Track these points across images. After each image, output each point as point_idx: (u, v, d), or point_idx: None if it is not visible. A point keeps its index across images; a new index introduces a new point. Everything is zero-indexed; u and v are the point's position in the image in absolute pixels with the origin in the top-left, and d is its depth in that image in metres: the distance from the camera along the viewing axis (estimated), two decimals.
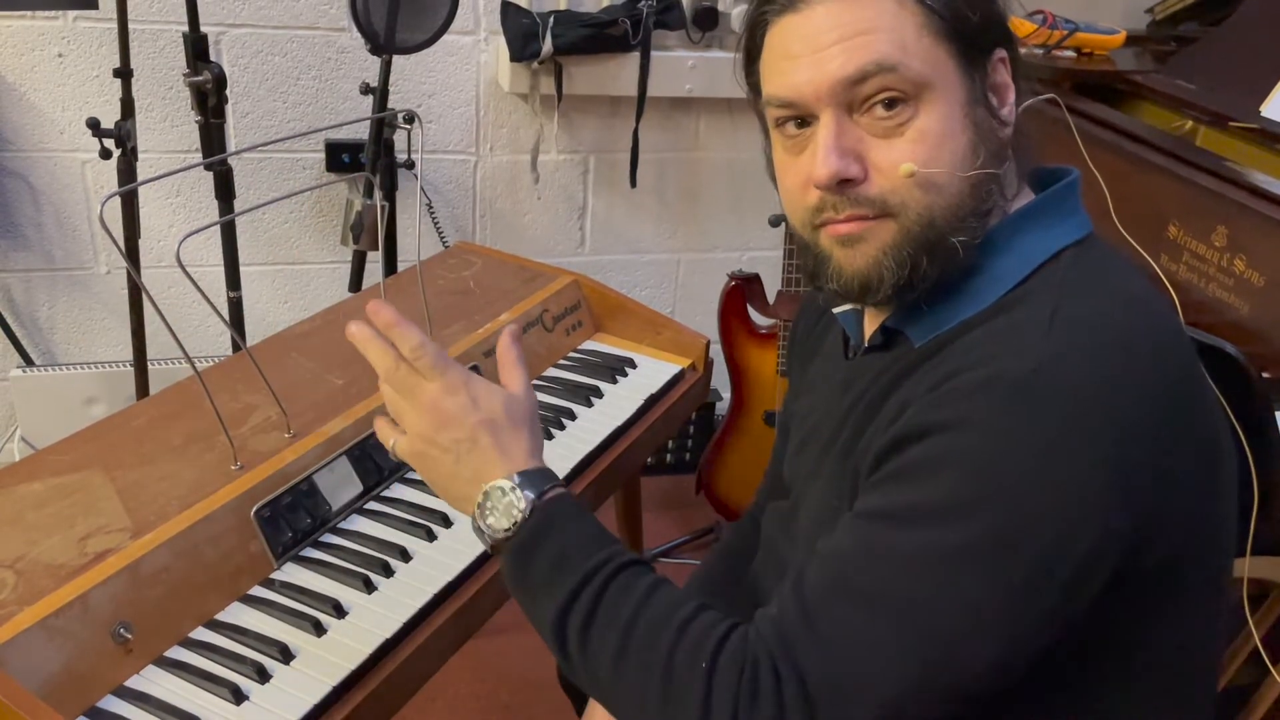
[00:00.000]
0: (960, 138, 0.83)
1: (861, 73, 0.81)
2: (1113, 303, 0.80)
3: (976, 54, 0.84)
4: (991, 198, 0.85)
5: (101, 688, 0.97)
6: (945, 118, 0.82)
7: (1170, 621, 0.81)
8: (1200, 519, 0.80)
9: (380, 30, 1.86)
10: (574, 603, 0.84)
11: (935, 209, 0.82)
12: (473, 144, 2.42)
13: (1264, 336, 1.44)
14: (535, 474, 0.90)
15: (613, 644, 0.82)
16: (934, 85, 0.81)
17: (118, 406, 2.08)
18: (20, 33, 2.07)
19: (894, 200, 0.83)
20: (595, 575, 0.85)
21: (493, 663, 2.08)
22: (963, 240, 0.83)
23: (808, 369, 1.09)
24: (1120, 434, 0.73)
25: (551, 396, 1.50)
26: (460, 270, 1.72)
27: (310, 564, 1.15)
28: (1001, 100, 0.86)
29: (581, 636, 0.84)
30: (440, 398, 0.90)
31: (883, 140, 0.82)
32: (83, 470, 1.15)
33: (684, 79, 2.39)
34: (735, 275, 2.32)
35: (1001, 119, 0.86)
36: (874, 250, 0.84)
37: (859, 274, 0.85)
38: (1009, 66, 0.87)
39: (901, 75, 0.81)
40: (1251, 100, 1.79)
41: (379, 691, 1.03)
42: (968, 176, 0.83)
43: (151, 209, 2.24)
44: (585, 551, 0.86)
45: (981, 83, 0.84)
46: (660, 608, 0.83)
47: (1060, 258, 0.84)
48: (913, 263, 0.83)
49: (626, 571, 0.86)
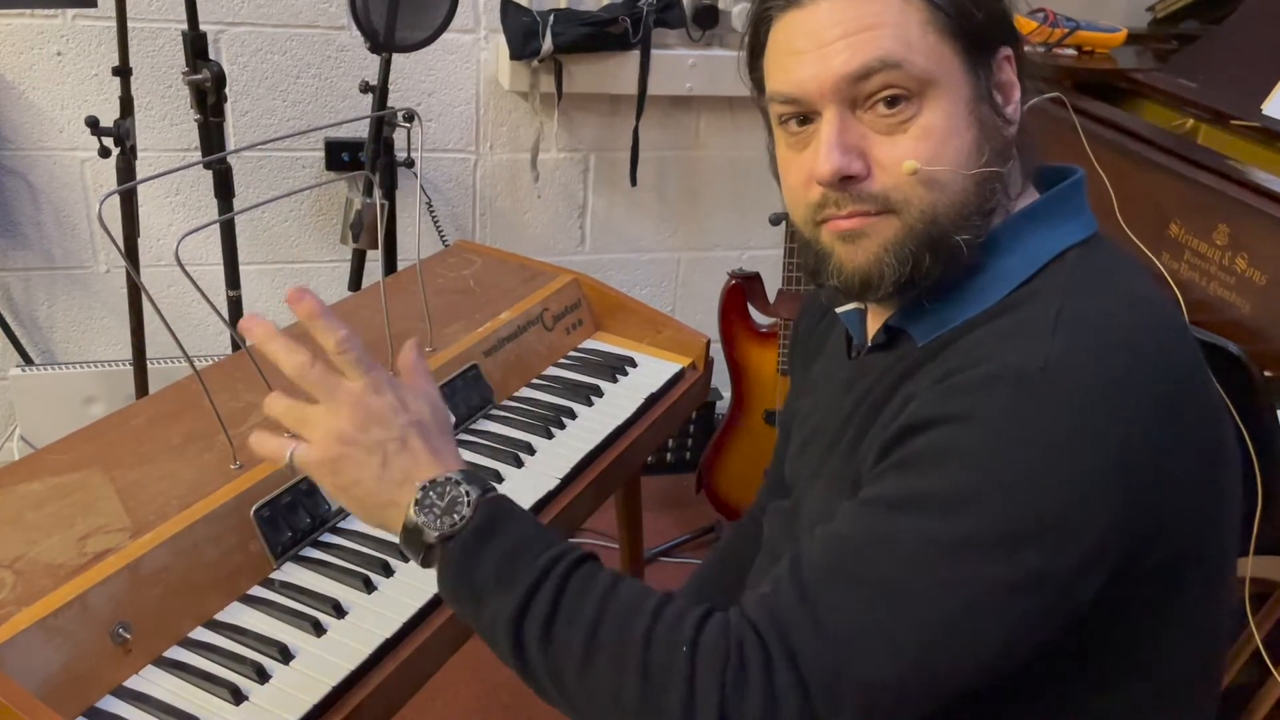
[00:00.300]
0: (964, 135, 0.82)
1: (865, 69, 0.81)
2: (1118, 302, 0.80)
3: (981, 51, 0.84)
4: (995, 196, 0.84)
5: (100, 688, 0.97)
6: (949, 115, 0.82)
7: (1172, 621, 0.81)
8: (1202, 520, 0.80)
9: (380, 28, 1.86)
10: (532, 599, 0.80)
11: (939, 206, 0.82)
12: (472, 142, 2.41)
13: (1266, 335, 1.44)
14: (474, 473, 0.86)
15: (580, 638, 0.78)
16: (938, 82, 0.81)
17: (117, 406, 2.08)
18: (19, 31, 2.07)
19: (897, 197, 0.82)
20: (553, 569, 0.81)
21: (492, 663, 2.06)
22: (965, 238, 0.83)
23: (810, 368, 1.09)
24: (1124, 434, 0.73)
25: (551, 395, 1.50)
26: (460, 269, 1.72)
27: (310, 564, 1.15)
28: (1006, 98, 0.86)
29: (544, 634, 0.79)
30: (366, 395, 0.85)
31: (886, 137, 0.82)
32: (82, 470, 1.15)
33: (684, 77, 2.39)
34: (735, 274, 2.32)
35: (1006, 117, 0.86)
36: (875, 246, 0.84)
37: (860, 270, 0.85)
38: (1014, 65, 0.87)
39: (906, 72, 0.80)
40: (1253, 98, 1.79)
41: (379, 692, 1.02)
42: (971, 174, 0.82)
43: (151, 208, 2.23)
44: (538, 546, 0.82)
45: (986, 80, 0.84)
46: (628, 596, 0.80)
47: (1065, 257, 0.84)
48: (914, 259, 0.83)
49: (585, 565, 0.82)
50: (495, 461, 1.34)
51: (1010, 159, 0.86)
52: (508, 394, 1.49)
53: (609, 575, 0.82)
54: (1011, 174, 0.87)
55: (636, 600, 0.80)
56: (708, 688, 0.75)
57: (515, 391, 1.50)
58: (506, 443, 1.37)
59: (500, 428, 1.41)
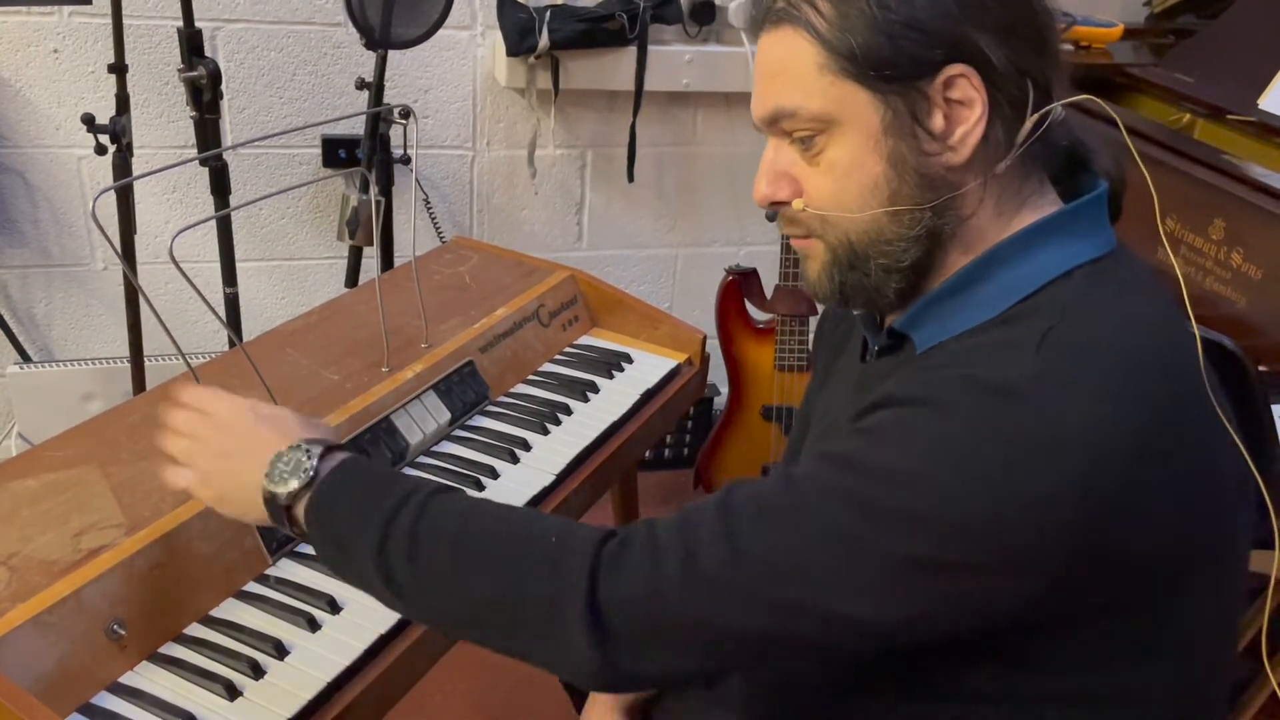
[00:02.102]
0: (869, 170, 0.84)
1: (771, 115, 0.87)
2: (1112, 329, 0.79)
3: (896, 83, 0.81)
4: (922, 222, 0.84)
5: (95, 684, 0.97)
6: (853, 149, 0.84)
7: (1177, 622, 0.81)
8: (1187, 539, 0.77)
9: (376, 25, 1.86)
10: (392, 523, 0.84)
11: (850, 234, 0.86)
12: (469, 139, 2.41)
13: (1261, 330, 1.44)
14: (318, 440, 0.93)
15: (446, 547, 0.83)
16: (839, 119, 0.84)
17: (114, 402, 2.07)
18: (15, 28, 2.07)
19: (814, 224, 0.88)
20: (411, 497, 0.86)
21: (489, 658, 2.06)
22: (882, 264, 0.86)
23: (833, 363, 1.09)
24: (1086, 468, 0.72)
25: (548, 392, 1.50)
26: (456, 265, 1.72)
27: (305, 560, 1.15)
28: (954, 120, 0.82)
29: (409, 554, 0.83)
30: (223, 413, 0.98)
31: (807, 166, 0.87)
32: (77, 466, 1.15)
33: (681, 73, 2.39)
34: (733, 270, 2.32)
35: (947, 143, 0.83)
36: (817, 266, 0.90)
37: (810, 286, 0.92)
38: (977, 80, 0.81)
39: (802, 117, 0.85)
40: (1249, 93, 1.79)
41: (374, 688, 1.02)
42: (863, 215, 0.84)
43: (147, 205, 2.23)
44: (393, 480, 0.89)
45: (909, 110, 0.82)
46: (491, 507, 0.86)
47: (1072, 276, 0.83)
48: (841, 280, 0.88)
49: (445, 491, 0.88)
50: (491, 458, 1.34)
51: (967, 180, 0.84)
52: (504, 390, 1.49)
53: (470, 497, 0.88)
54: (966, 198, 0.84)
55: (498, 509, 0.86)
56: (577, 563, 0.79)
57: (511, 388, 1.50)
58: (502, 439, 1.37)
59: (496, 424, 1.41)
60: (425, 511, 0.85)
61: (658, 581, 0.78)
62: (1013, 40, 0.82)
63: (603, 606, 0.78)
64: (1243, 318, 1.47)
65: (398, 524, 0.84)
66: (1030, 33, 0.83)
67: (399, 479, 0.90)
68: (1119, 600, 0.77)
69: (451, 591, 0.84)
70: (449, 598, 0.84)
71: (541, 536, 0.81)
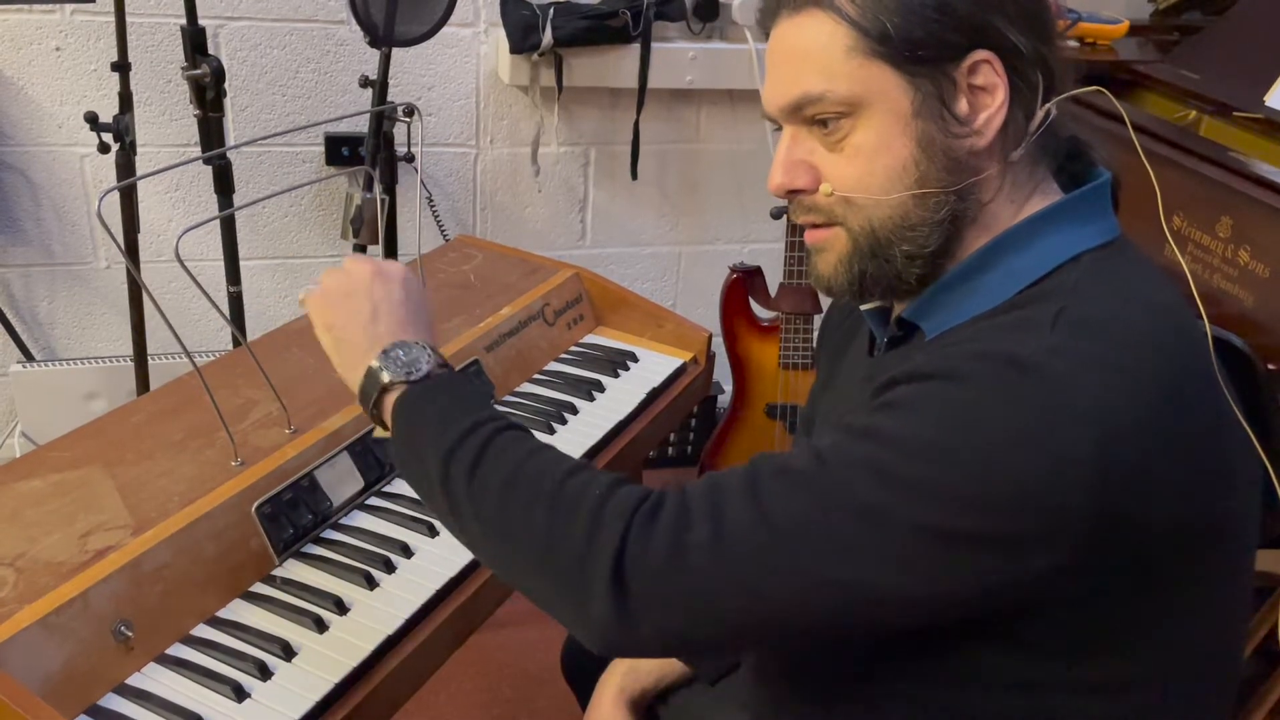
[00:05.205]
0: (898, 152, 0.84)
1: (794, 103, 0.86)
2: (1123, 307, 0.80)
3: (926, 65, 0.83)
4: (948, 205, 0.85)
5: (102, 686, 0.97)
6: (881, 131, 0.84)
7: (1180, 612, 0.81)
8: (1198, 514, 0.78)
9: (379, 23, 1.85)
10: (464, 440, 0.88)
11: (874, 220, 0.86)
12: (473, 137, 2.41)
13: (1269, 328, 1.44)
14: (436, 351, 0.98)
15: (500, 478, 0.85)
16: (867, 102, 0.84)
17: (118, 402, 2.07)
18: (17, 26, 2.06)
19: (837, 210, 0.87)
20: (489, 422, 0.89)
21: (495, 657, 2.08)
22: (906, 250, 0.86)
23: (836, 364, 1.09)
24: (1101, 434, 0.72)
25: (553, 391, 1.50)
26: (461, 264, 1.71)
27: (312, 560, 1.14)
28: (977, 106, 0.84)
29: (469, 472, 0.86)
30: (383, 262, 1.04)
31: (829, 152, 0.87)
32: (83, 467, 1.15)
33: (685, 70, 2.38)
34: (737, 268, 2.32)
35: (972, 127, 0.84)
36: (833, 258, 0.90)
37: (821, 279, 0.92)
38: (1000, 66, 0.83)
39: (829, 100, 0.84)
40: (1255, 90, 1.78)
41: (381, 688, 1.02)
42: (893, 197, 0.84)
43: (150, 204, 2.23)
44: (480, 407, 0.92)
45: (937, 93, 0.83)
46: (554, 454, 0.88)
47: (1079, 260, 0.84)
48: (861, 270, 0.88)
49: (521, 430, 0.91)
50: None
51: (988, 166, 0.85)
52: (509, 389, 1.48)
53: (540, 441, 0.90)
54: (984, 183, 0.86)
55: (560, 457, 0.88)
56: (612, 522, 0.79)
57: (516, 387, 1.50)
58: None
59: None
60: (496, 437, 0.88)
61: (683, 546, 0.78)
62: (1030, 28, 0.84)
63: (627, 566, 0.78)
64: (1250, 316, 1.47)
65: (469, 442, 0.88)
66: (1042, 22, 0.85)
67: (487, 407, 0.93)
68: (1133, 579, 0.77)
69: (497, 514, 0.86)
70: (492, 520, 0.86)
71: (589, 490, 0.83)
